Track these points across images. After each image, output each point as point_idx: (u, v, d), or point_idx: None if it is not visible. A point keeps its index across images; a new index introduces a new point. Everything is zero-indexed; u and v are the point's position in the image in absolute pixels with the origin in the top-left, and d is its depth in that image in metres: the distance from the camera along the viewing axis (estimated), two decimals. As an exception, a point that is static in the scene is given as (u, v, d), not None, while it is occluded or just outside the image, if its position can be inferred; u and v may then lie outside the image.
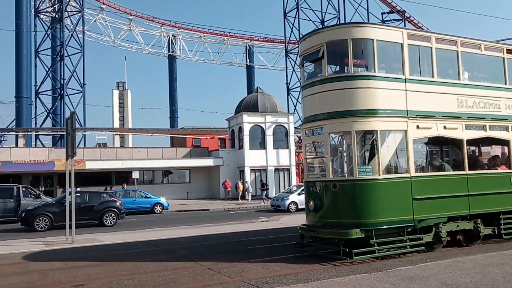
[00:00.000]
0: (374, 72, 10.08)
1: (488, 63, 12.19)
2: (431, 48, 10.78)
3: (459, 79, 11.27)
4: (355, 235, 9.63)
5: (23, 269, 10.24)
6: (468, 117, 11.19)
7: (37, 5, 52.61)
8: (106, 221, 20.11)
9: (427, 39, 10.80)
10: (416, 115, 10.37)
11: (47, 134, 46.69)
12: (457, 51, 11.19)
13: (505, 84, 12.07)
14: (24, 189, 23.40)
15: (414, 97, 10.40)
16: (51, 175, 36.15)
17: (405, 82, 10.33)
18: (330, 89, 10.21)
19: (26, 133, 44.00)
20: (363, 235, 9.71)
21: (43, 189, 33.76)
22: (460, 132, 11.05)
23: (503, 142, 12.23)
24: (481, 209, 11.14)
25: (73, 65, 50.54)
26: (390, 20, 58.82)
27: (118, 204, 20.91)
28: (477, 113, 11.36)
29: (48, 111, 50.72)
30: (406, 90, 10.31)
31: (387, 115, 10.03)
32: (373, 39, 10.05)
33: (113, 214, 20.38)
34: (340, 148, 11.01)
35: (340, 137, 11.04)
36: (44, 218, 18.83)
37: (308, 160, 11.54)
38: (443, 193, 10.54)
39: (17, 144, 43.67)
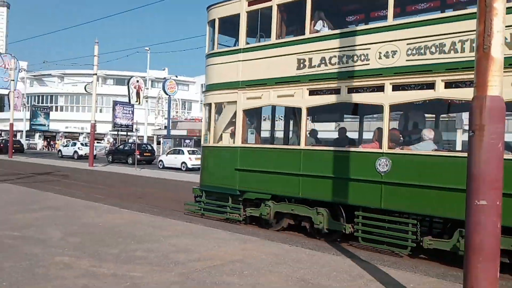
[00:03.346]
0: (213, 49, 11.30)
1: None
2: (271, 7, 10.08)
3: (304, 34, 9.54)
4: (196, 192, 11.82)
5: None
6: (310, 80, 9.39)
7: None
8: None
9: (268, -1, 10.15)
10: (246, 85, 10.51)
11: None
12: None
13: (389, 20, 8.40)
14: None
15: (247, 66, 10.53)
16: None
17: (240, 52, 10.67)
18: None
19: None
20: (201, 194, 11.65)
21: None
22: (299, 99, 9.59)
23: (374, 109, 8.54)
24: (317, 196, 9.30)
25: None
26: None
27: None
28: (324, 72, 9.16)
29: None
30: (239, 61, 10.65)
31: (217, 89, 11.08)
32: (214, 19, 11.25)
33: None
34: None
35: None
36: None
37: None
38: (266, 168, 10.07)
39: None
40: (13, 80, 47.65)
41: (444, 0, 9.78)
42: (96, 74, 35.79)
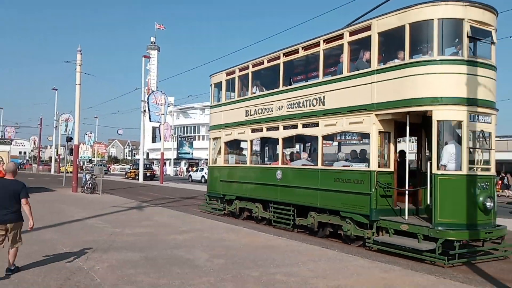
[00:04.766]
0: (212, 103, 17.65)
1: (272, 73, 14.26)
2: (235, 78, 16.15)
3: (248, 95, 15.38)
4: (206, 197, 18.09)
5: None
6: (251, 123, 15.17)
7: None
8: None
9: (234, 72, 16.21)
10: (225, 127, 16.63)
11: None
12: (248, 73, 15.38)
13: (279, 87, 13.90)
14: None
15: (225, 114, 16.69)
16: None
17: (222, 105, 16.89)
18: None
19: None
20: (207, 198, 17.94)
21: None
22: (247, 135, 15.44)
23: (276, 141, 13.93)
24: (252, 195, 15.00)
25: None
26: None
27: None
28: (255, 119, 14.90)
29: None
30: (222, 111, 16.89)
31: (213, 129, 17.38)
32: (212, 84, 17.62)
33: None
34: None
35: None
36: None
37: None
38: (233, 179, 16.05)
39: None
40: (163, 114, 52.33)
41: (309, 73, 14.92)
42: (232, 104, 39.48)
